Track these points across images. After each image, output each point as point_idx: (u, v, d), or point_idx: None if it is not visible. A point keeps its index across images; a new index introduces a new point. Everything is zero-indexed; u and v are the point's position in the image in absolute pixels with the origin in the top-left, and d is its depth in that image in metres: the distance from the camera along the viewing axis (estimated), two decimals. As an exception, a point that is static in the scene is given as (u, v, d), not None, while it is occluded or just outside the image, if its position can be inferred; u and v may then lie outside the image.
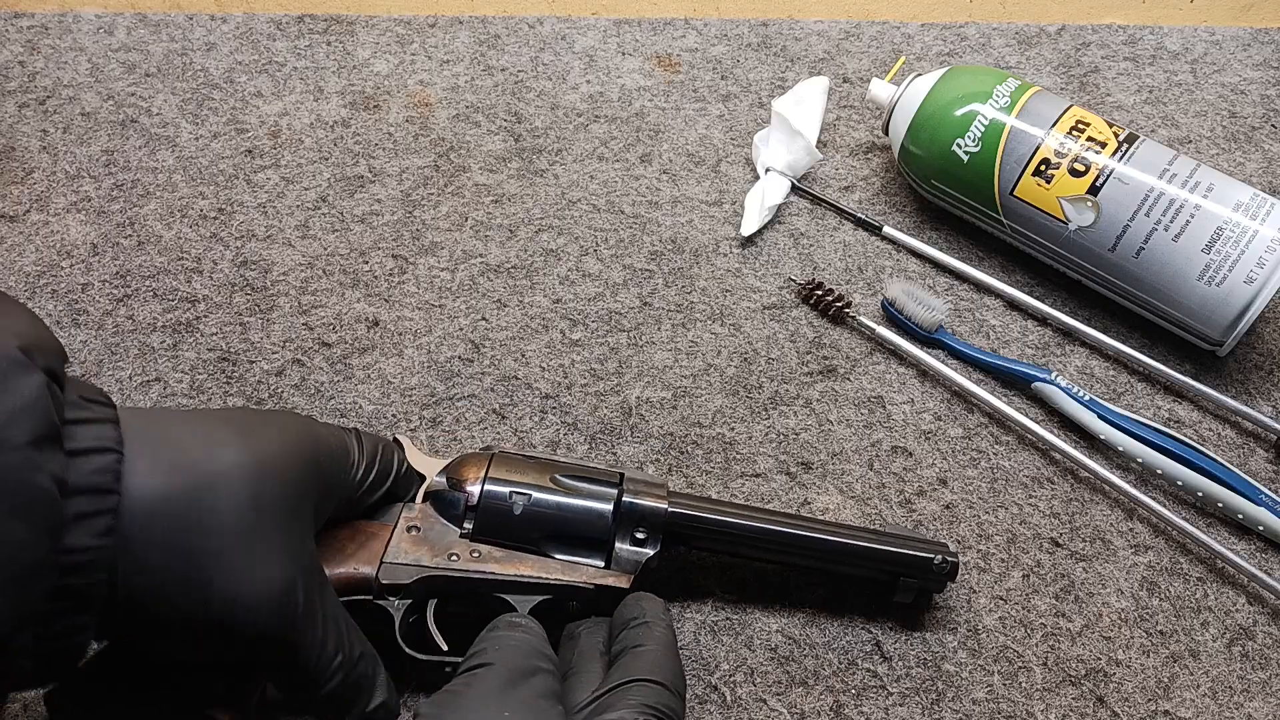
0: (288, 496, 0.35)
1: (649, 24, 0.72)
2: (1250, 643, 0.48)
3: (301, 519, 0.36)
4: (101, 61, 0.70)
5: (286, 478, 0.35)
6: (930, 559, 0.46)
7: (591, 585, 0.43)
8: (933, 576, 0.46)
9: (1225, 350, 0.54)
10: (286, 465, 0.36)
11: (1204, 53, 0.69)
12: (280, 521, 0.35)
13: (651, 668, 0.36)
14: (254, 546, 0.33)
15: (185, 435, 0.34)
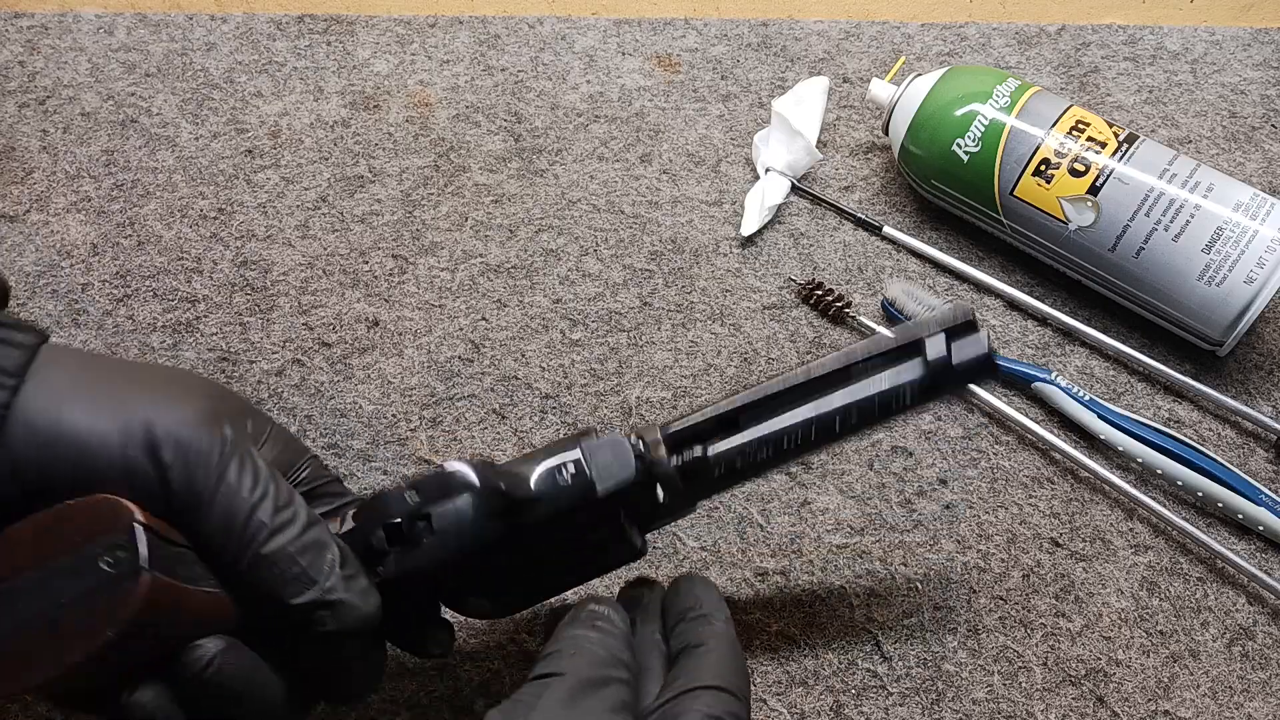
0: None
1: (649, 24, 0.72)
2: (1250, 643, 0.48)
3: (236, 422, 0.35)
4: (101, 61, 0.70)
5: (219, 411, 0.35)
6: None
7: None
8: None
9: (1225, 350, 0.54)
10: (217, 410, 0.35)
11: (1204, 53, 0.69)
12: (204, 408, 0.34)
13: (716, 672, 0.34)
14: (173, 387, 0.33)
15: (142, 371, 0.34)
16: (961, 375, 0.38)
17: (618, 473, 0.36)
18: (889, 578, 0.50)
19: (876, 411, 0.38)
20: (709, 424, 0.38)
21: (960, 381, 0.38)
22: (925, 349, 0.37)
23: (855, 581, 0.50)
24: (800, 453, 0.38)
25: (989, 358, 0.38)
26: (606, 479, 0.36)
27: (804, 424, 0.38)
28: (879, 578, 0.50)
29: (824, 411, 0.38)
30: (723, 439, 0.38)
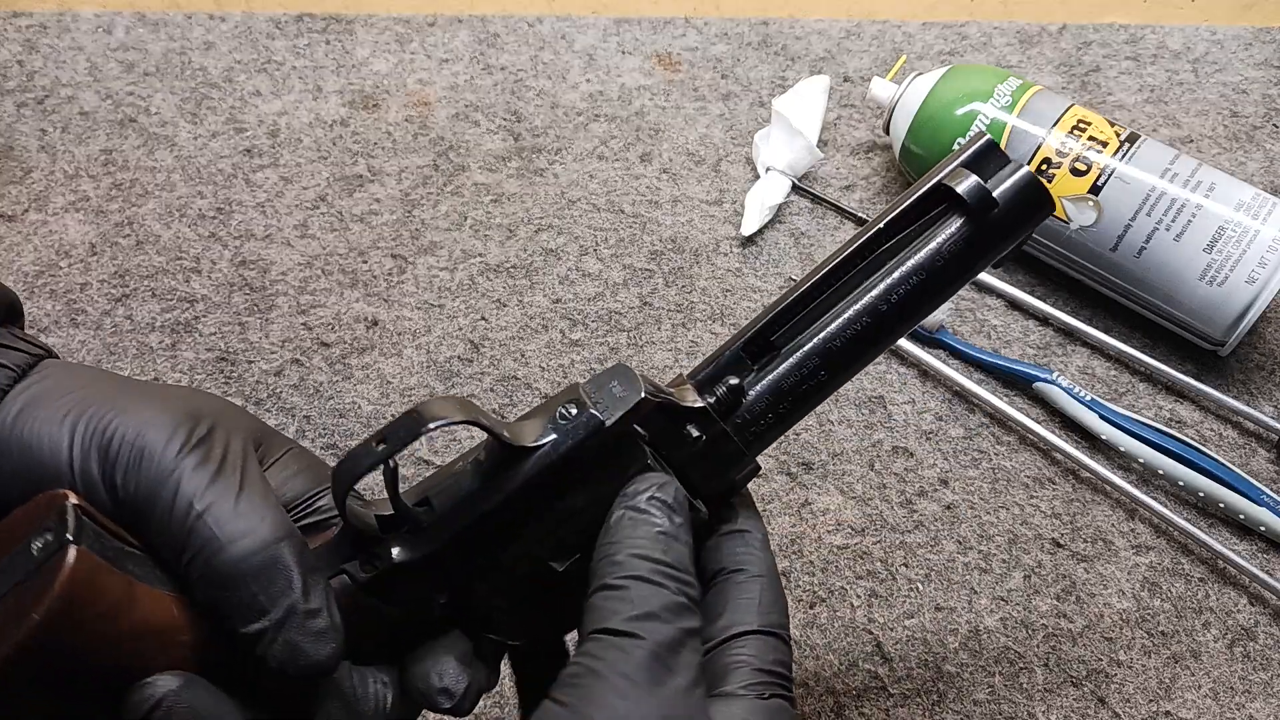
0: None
1: (649, 23, 0.72)
2: (1252, 643, 0.48)
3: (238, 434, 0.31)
4: (100, 60, 0.70)
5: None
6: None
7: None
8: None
9: (1227, 350, 0.54)
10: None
11: (1205, 52, 0.69)
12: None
13: (762, 610, 0.30)
14: (153, 398, 0.29)
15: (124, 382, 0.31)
16: (1010, 210, 0.31)
17: (626, 399, 0.29)
18: (890, 578, 0.50)
19: (926, 284, 0.31)
20: (735, 354, 0.32)
21: (1012, 220, 0.31)
22: (956, 191, 0.31)
23: (856, 582, 0.50)
24: (854, 359, 0.32)
25: (1034, 180, 0.31)
26: (613, 410, 0.29)
27: (847, 323, 0.32)
28: (880, 578, 0.50)
29: (866, 301, 0.32)
30: (761, 369, 0.32)
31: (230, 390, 0.55)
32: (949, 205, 0.32)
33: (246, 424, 0.32)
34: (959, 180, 0.31)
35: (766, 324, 0.32)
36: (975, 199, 0.31)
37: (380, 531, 0.30)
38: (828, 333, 0.32)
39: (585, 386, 0.30)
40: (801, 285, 0.32)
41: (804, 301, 0.32)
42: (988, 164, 0.32)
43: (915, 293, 0.32)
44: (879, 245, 0.32)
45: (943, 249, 0.31)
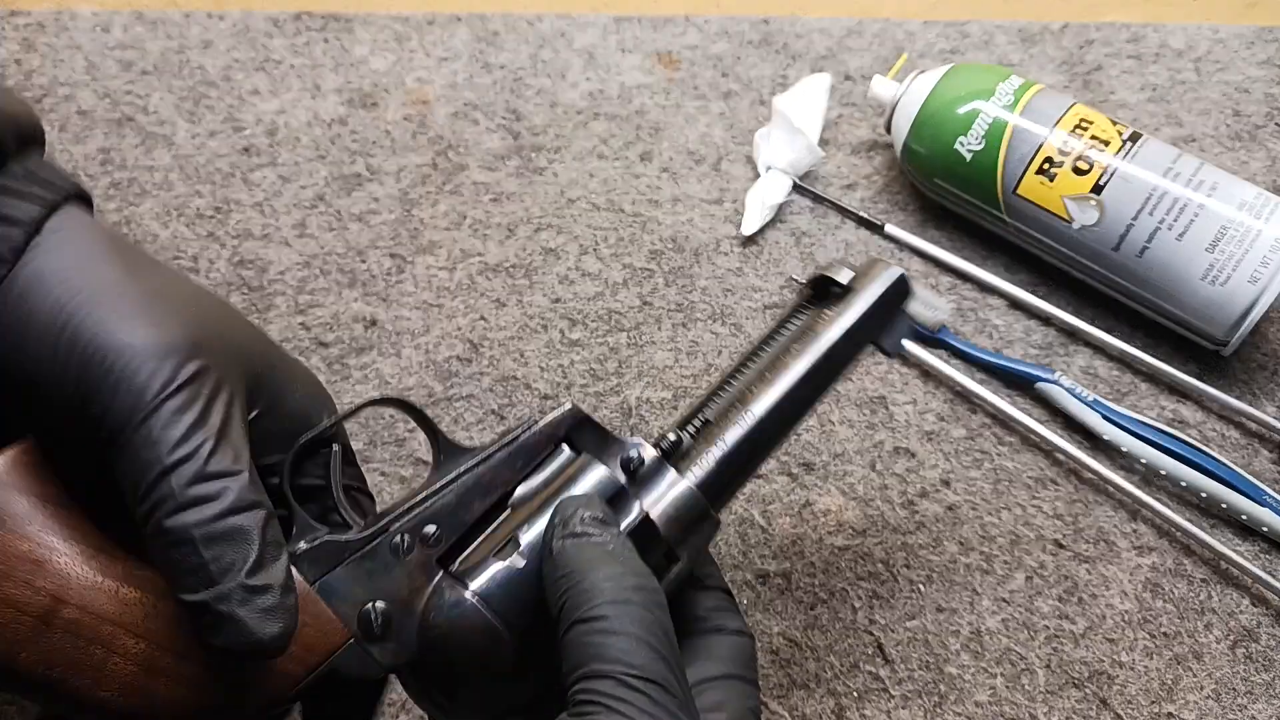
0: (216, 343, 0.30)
1: (649, 21, 0.71)
2: (1254, 644, 0.48)
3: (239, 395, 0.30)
4: (98, 59, 0.69)
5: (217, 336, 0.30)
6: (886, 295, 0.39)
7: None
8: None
9: (1229, 350, 0.54)
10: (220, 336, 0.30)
11: (1208, 50, 0.69)
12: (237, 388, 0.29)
13: (743, 664, 0.31)
14: (151, 312, 0.28)
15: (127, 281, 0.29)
16: (875, 300, 0.39)
17: (559, 412, 0.35)
18: (891, 580, 0.49)
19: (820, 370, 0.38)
20: (679, 421, 0.38)
21: (876, 310, 0.39)
22: (833, 279, 0.40)
23: (857, 584, 0.49)
24: (792, 420, 0.38)
25: (900, 279, 0.39)
26: (545, 418, 0.34)
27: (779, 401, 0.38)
28: (881, 580, 0.49)
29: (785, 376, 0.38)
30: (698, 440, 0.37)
31: (228, 390, 0.55)
32: (833, 295, 0.40)
33: (245, 358, 0.31)
34: (836, 272, 0.40)
35: (695, 407, 0.39)
36: (843, 290, 0.40)
37: (317, 518, 0.32)
38: (769, 404, 0.38)
39: (533, 415, 0.36)
40: (725, 371, 0.40)
41: (724, 383, 0.39)
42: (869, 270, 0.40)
43: (811, 378, 0.38)
44: (781, 333, 0.41)
45: (829, 339, 0.39)
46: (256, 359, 0.32)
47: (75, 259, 0.29)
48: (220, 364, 0.29)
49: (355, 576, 0.30)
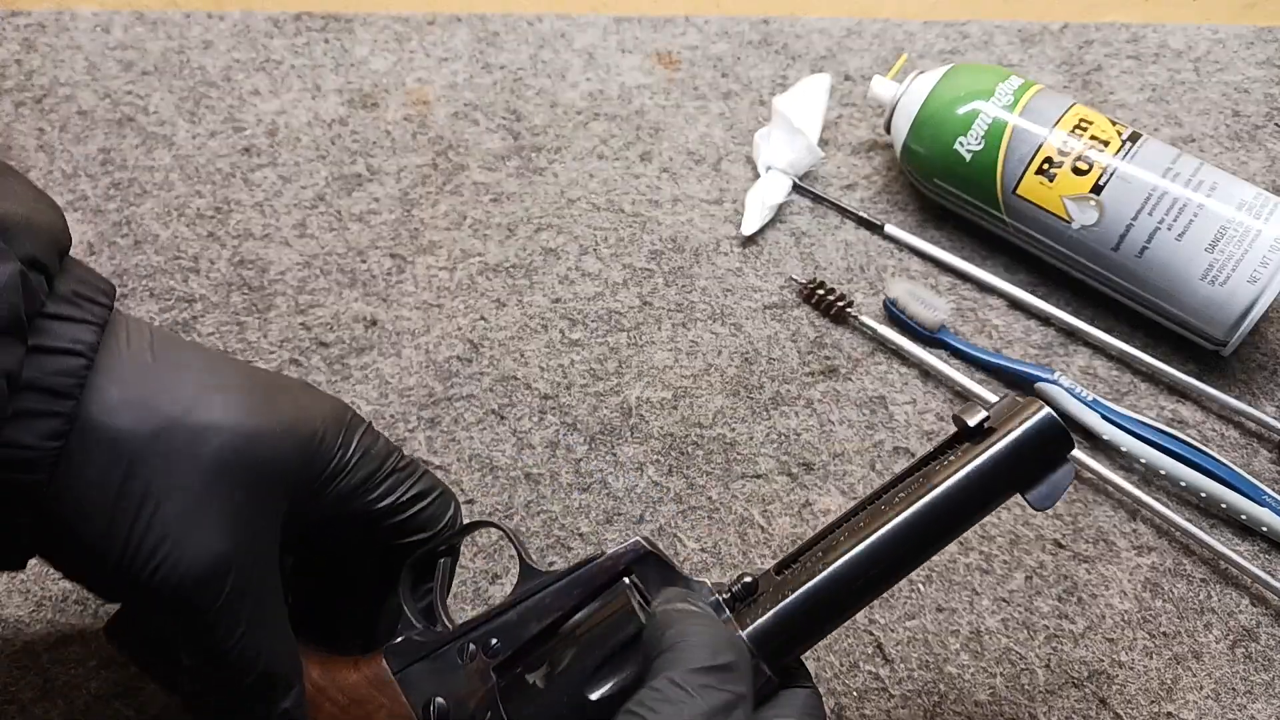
0: (260, 478, 0.32)
1: (649, 21, 0.71)
2: (1254, 644, 0.48)
3: (267, 505, 0.33)
4: (98, 59, 0.70)
5: (266, 456, 0.32)
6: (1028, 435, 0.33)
7: None
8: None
9: (1229, 350, 0.54)
10: (273, 444, 0.32)
11: (1207, 51, 0.69)
12: (241, 499, 0.32)
13: (815, 714, 0.32)
14: (200, 512, 0.30)
15: (173, 378, 0.31)
16: (1024, 447, 0.33)
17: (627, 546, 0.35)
18: (891, 579, 0.49)
19: (942, 515, 0.33)
20: (763, 571, 0.35)
21: (1025, 458, 0.33)
22: (967, 423, 0.34)
23: (857, 583, 0.49)
24: (876, 583, 0.34)
25: (1053, 421, 0.33)
26: (614, 550, 0.36)
27: (868, 549, 0.33)
28: (881, 579, 0.49)
29: (888, 529, 0.33)
30: (781, 583, 0.34)
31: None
32: (970, 442, 0.34)
33: (290, 467, 0.34)
34: (972, 415, 0.34)
35: (795, 552, 0.35)
36: (984, 434, 0.34)
37: (412, 616, 0.37)
38: (849, 557, 0.33)
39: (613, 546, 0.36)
40: (835, 521, 0.35)
41: (832, 529, 0.35)
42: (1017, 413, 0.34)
43: (926, 525, 0.33)
44: (902, 482, 0.35)
45: (955, 483, 0.33)
46: (305, 450, 0.34)
47: (132, 391, 0.31)
48: (257, 558, 0.33)
49: (430, 672, 0.35)
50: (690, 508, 0.51)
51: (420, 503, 0.38)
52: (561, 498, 0.52)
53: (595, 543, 0.51)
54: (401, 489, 0.37)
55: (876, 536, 0.33)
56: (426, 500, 0.38)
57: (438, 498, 0.38)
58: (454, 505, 0.39)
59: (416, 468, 0.38)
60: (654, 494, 0.52)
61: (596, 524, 0.51)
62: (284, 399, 0.34)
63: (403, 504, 0.37)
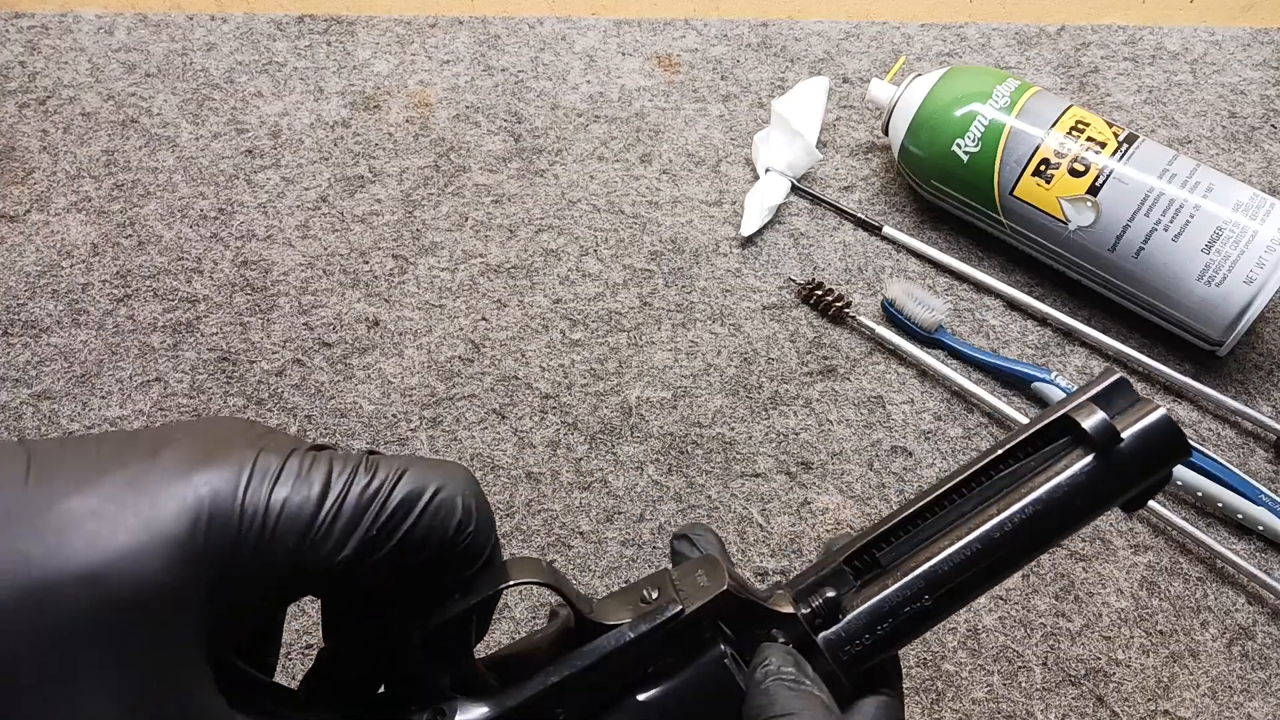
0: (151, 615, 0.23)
1: (649, 24, 0.72)
2: (1250, 642, 0.48)
3: (172, 642, 0.23)
4: (102, 62, 0.70)
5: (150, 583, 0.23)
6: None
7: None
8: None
9: (1225, 350, 0.54)
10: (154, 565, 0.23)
11: (1204, 53, 0.69)
12: (126, 659, 0.23)
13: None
14: (72, 697, 0.22)
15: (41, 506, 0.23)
16: (1140, 452, 0.30)
17: (707, 589, 0.29)
18: (889, 577, 0.50)
19: (1043, 519, 0.30)
20: (838, 568, 0.31)
21: (1141, 462, 0.30)
22: (1082, 426, 0.30)
23: (855, 581, 0.50)
24: (964, 589, 0.30)
25: (1168, 423, 0.30)
26: (693, 600, 0.28)
27: (961, 549, 0.30)
28: (879, 577, 0.50)
29: (981, 531, 0.30)
30: (862, 585, 0.31)
31: (232, 390, 0.55)
32: (1073, 440, 0.30)
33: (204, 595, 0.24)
34: (1085, 414, 0.30)
35: (873, 540, 0.31)
36: (1101, 435, 0.30)
37: (450, 688, 0.28)
38: (937, 559, 0.30)
39: (672, 573, 0.30)
40: (914, 504, 0.31)
41: (914, 520, 0.31)
42: (1117, 400, 0.30)
43: (1031, 527, 0.30)
44: (997, 471, 0.31)
45: (1063, 484, 0.30)
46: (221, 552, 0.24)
47: None
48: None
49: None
50: (690, 506, 0.52)
51: (406, 522, 0.26)
52: (562, 496, 0.52)
53: (596, 541, 0.51)
54: (368, 522, 0.25)
55: (977, 537, 0.30)
56: (416, 512, 0.26)
57: (432, 500, 0.26)
58: (462, 503, 0.27)
59: (383, 475, 0.26)
60: (654, 493, 0.52)
61: (597, 523, 0.51)
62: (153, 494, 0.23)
63: (378, 538, 0.25)
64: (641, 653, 0.29)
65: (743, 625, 0.30)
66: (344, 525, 0.25)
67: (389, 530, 0.26)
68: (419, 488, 0.26)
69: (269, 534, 0.24)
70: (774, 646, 0.30)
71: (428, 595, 0.28)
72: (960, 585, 0.30)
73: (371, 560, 0.26)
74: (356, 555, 0.25)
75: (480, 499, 0.27)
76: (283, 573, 0.25)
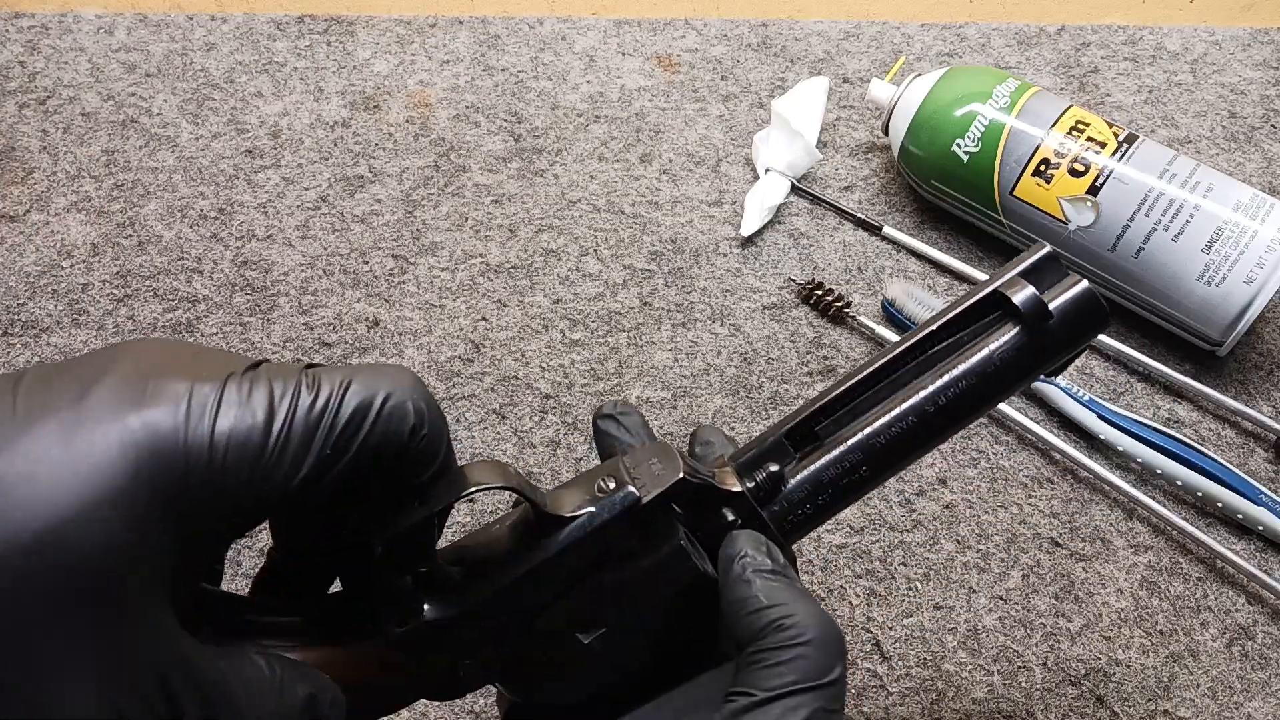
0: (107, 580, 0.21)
1: (649, 24, 0.72)
2: (1250, 642, 0.48)
3: (135, 607, 0.22)
4: (102, 62, 0.70)
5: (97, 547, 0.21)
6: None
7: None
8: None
9: (1225, 350, 0.54)
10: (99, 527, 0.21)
11: (1204, 53, 0.69)
12: (88, 634, 0.21)
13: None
14: (48, 670, 0.21)
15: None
16: (1065, 323, 0.31)
17: (663, 477, 0.29)
18: (889, 577, 0.50)
19: (975, 389, 0.31)
20: (778, 440, 0.33)
21: (1067, 333, 0.31)
22: (1012, 300, 0.31)
23: (855, 581, 0.50)
24: (897, 457, 0.32)
25: (1092, 295, 0.31)
26: (651, 487, 0.29)
27: (895, 420, 0.32)
28: (879, 577, 0.50)
29: (913, 401, 0.32)
30: (802, 457, 0.32)
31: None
32: (1004, 314, 0.32)
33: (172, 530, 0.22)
34: (1015, 289, 0.31)
35: (811, 414, 0.33)
36: (1031, 310, 0.31)
37: (413, 588, 0.29)
38: (872, 429, 0.32)
39: (625, 461, 0.31)
40: (849, 379, 0.32)
41: (851, 395, 0.32)
42: (1045, 274, 0.32)
43: (963, 397, 0.32)
44: (931, 346, 0.32)
45: (994, 356, 0.31)
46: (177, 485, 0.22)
47: None
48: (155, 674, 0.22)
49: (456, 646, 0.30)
50: (690, 506, 0.52)
51: (359, 435, 0.24)
52: (562, 497, 0.52)
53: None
54: (320, 440, 0.24)
55: (911, 407, 0.31)
56: (368, 424, 0.24)
57: (382, 409, 0.25)
58: (413, 407, 0.25)
59: (328, 389, 0.24)
60: (654, 493, 0.52)
61: (597, 523, 0.51)
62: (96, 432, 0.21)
63: (332, 455, 0.24)
64: (601, 541, 0.29)
65: (695, 505, 0.31)
66: (296, 448, 0.24)
67: (342, 445, 0.24)
68: (368, 398, 0.25)
69: (218, 469, 0.23)
70: (743, 535, 0.31)
71: (384, 501, 0.27)
72: (894, 452, 0.32)
73: (327, 477, 0.24)
74: (313, 475, 0.24)
75: (430, 401, 0.26)
76: (238, 504, 0.23)
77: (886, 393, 0.32)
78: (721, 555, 0.30)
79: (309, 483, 0.24)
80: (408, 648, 0.29)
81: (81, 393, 0.22)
